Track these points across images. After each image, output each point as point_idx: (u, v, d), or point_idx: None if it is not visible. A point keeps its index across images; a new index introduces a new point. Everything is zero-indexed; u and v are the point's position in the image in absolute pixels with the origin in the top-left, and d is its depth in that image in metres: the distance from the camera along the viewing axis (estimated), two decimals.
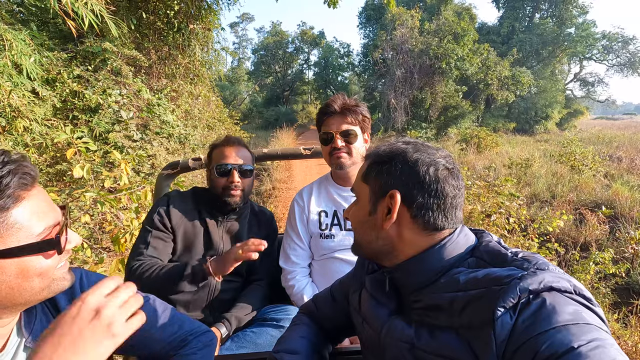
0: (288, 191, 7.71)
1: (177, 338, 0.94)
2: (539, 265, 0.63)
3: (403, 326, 0.74)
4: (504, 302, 0.58)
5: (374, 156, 0.81)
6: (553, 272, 0.61)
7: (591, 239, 5.00)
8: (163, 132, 5.59)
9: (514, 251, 0.70)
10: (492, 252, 0.71)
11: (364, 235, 0.81)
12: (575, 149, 10.09)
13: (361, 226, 0.81)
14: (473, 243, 0.75)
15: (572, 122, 28.74)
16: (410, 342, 0.71)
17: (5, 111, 3.69)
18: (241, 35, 42.99)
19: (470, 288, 0.64)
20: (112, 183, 2.92)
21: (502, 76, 20.52)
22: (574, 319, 0.54)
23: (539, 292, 0.58)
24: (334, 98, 1.52)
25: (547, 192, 7.38)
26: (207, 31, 7.72)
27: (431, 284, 0.71)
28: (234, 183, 1.48)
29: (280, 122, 23.77)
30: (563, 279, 0.60)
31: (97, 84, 5.00)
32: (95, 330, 0.55)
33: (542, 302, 0.57)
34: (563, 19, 26.67)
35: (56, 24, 5.19)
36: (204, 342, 0.97)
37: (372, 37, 24.11)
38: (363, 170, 0.82)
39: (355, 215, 0.83)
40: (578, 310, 0.56)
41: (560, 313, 0.55)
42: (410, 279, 0.75)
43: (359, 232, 0.83)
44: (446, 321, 0.67)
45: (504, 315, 0.58)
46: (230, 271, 1.41)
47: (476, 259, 0.72)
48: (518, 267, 0.64)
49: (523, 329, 0.56)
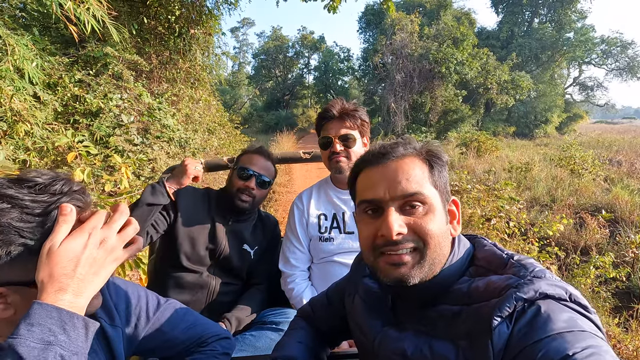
0: (288, 194, 7.71)
1: (199, 339, 0.95)
2: (536, 272, 0.63)
3: (397, 337, 0.74)
4: (500, 311, 0.58)
5: (433, 155, 0.74)
6: (549, 280, 0.61)
7: (591, 242, 5.00)
8: (164, 136, 5.61)
9: (510, 253, 0.70)
10: (489, 258, 0.71)
11: (444, 248, 0.70)
12: (575, 153, 10.10)
13: (443, 239, 0.70)
14: (469, 248, 0.76)
15: (572, 126, 28.79)
16: (403, 354, 0.70)
17: (7, 115, 3.71)
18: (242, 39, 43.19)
19: (474, 301, 0.64)
20: (112, 187, 2.93)
21: (502, 80, 20.59)
22: (569, 327, 0.54)
23: (535, 300, 0.58)
24: (332, 103, 1.53)
25: (547, 196, 7.38)
26: (207, 36, 7.76)
27: (440, 297, 0.70)
28: (249, 189, 1.53)
29: (280, 126, 23.82)
30: (558, 287, 0.60)
31: (99, 88, 5.02)
32: (104, 255, 0.61)
33: (537, 310, 0.57)
34: (562, 23, 26.81)
35: (58, 29, 5.23)
36: (224, 347, 0.98)
37: (372, 42, 24.23)
38: (427, 173, 0.72)
39: (439, 227, 0.69)
40: (573, 317, 0.56)
41: (555, 321, 0.55)
42: (422, 294, 0.71)
43: (442, 245, 0.69)
44: (444, 332, 0.66)
45: (500, 324, 0.58)
46: (230, 274, 1.42)
47: (476, 267, 0.72)
48: (515, 274, 0.63)
49: (519, 337, 0.56)
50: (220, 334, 1.00)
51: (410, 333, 0.72)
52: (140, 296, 0.88)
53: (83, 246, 0.59)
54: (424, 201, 0.69)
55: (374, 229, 0.70)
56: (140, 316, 0.86)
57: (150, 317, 0.88)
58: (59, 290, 0.56)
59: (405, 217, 0.69)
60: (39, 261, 0.57)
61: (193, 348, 0.94)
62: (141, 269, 2.34)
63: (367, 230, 0.72)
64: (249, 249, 1.60)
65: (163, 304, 0.92)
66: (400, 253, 0.67)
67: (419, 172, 0.71)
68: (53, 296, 0.56)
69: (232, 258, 1.55)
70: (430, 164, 0.73)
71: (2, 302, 0.60)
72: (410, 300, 0.75)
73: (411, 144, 0.75)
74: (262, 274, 1.64)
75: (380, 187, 0.70)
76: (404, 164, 0.71)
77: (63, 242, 0.58)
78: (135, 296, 0.87)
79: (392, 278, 0.68)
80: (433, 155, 0.74)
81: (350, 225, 1.55)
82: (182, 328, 0.93)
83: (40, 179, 0.61)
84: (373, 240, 0.70)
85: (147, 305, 0.88)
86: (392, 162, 0.71)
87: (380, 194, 0.70)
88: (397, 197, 0.69)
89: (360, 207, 0.75)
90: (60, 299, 0.56)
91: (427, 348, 0.67)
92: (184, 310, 0.96)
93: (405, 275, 0.67)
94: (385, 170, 0.71)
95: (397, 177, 0.69)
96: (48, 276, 0.56)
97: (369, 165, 0.74)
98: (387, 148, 0.73)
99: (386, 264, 0.68)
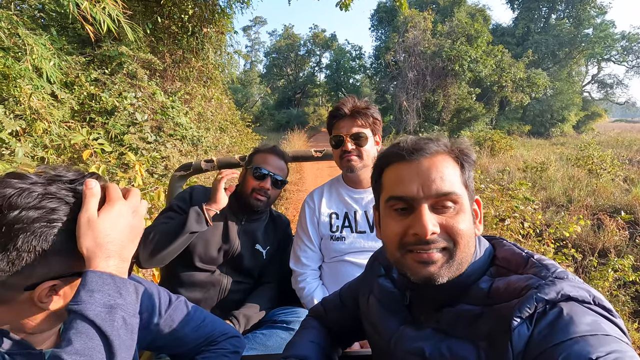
0: (299, 193, 7.72)
1: (208, 338, 0.96)
2: (558, 274, 0.61)
3: (414, 336, 0.72)
4: (520, 312, 0.57)
5: (464, 154, 0.72)
6: (572, 282, 0.59)
7: (610, 245, 4.86)
8: (176, 134, 5.68)
9: (529, 252, 0.68)
10: (509, 258, 0.70)
11: (471, 247, 0.69)
12: (593, 153, 9.84)
13: (471, 239, 0.69)
14: (489, 248, 0.74)
15: (590, 125, 28.06)
16: (421, 354, 0.69)
17: (26, 113, 3.81)
18: (254, 38, 43.46)
19: (494, 301, 0.63)
20: (126, 184, 2.98)
21: (517, 78, 20.20)
22: (592, 330, 0.52)
23: (556, 302, 0.56)
24: (344, 101, 1.51)
25: (564, 197, 7.21)
26: (220, 35, 7.82)
27: (460, 297, 0.69)
28: (264, 189, 1.53)
29: (291, 124, 23.90)
30: (582, 289, 0.58)
31: (114, 87, 5.11)
32: (138, 223, 0.66)
33: (559, 312, 0.55)
34: (580, 19, 26.12)
35: (75, 28, 5.33)
36: (234, 346, 0.98)
37: (384, 40, 24.06)
38: (459, 172, 0.71)
39: (468, 227, 0.68)
40: (597, 320, 0.54)
41: (578, 324, 0.53)
42: (443, 293, 0.70)
43: (470, 245, 0.68)
44: (463, 332, 0.65)
45: (520, 325, 0.56)
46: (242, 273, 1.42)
47: (496, 267, 0.70)
48: (536, 274, 0.62)
49: (539, 339, 0.54)
50: (230, 332, 1.00)
51: (428, 332, 0.70)
52: (153, 293, 0.89)
53: (120, 215, 0.62)
54: (456, 201, 0.67)
55: (403, 226, 0.69)
56: (153, 313, 0.87)
57: (162, 314, 0.89)
58: (107, 257, 0.59)
59: (437, 216, 0.67)
60: (79, 232, 0.58)
61: (203, 347, 0.95)
62: None
63: (396, 227, 0.70)
64: (261, 249, 1.60)
65: (174, 301, 0.93)
66: (431, 252, 0.66)
67: (452, 171, 0.69)
68: (104, 263, 0.58)
69: (244, 258, 1.55)
70: (461, 163, 0.72)
71: (54, 294, 0.61)
72: (429, 300, 0.74)
73: (441, 140, 0.73)
74: (273, 273, 1.64)
75: (413, 185, 0.68)
76: (438, 162, 0.69)
77: (101, 212, 0.61)
78: (147, 293, 0.87)
79: (421, 276, 0.67)
80: (464, 154, 0.72)
81: (361, 224, 1.53)
82: (192, 326, 0.93)
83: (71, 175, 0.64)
84: (401, 238, 0.69)
85: (159, 303, 0.89)
86: (426, 160, 0.69)
87: (413, 192, 0.68)
88: (431, 196, 0.67)
89: (388, 202, 0.72)
90: (110, 265, 0.59)
91: (446, 348, 0.66)
92: (194, 308, 0.97)
93: (435, 274, 0.66)
94: (418, 167, 0.69)
95: (431, 175, 0.68)
96: (94, 244, 0.58)
97: (400, 160, 0.72)
98: (420, 144, 0.71)
99: (414, 262, 0.67)
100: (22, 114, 3.79)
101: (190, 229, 1.36)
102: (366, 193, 1.57)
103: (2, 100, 3.69)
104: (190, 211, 1.40)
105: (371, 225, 1.52)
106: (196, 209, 1.41)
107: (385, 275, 0.87)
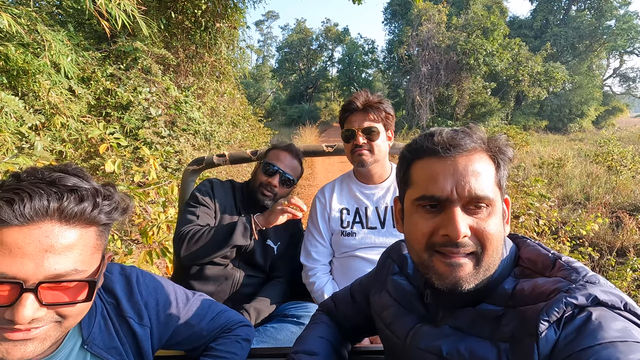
0: (310, 188, 7.74)
1: (223, 327, 0.98)
2: (589, 278, 0.58)
3: (432, 335, 0.70)
4: (547, 315, 0.55)
5: (501, 152, 0.69)
6: (603, 286, 0.57)
7: (629, 244, 4.72)
8: (190, 128, 5.74)
9: (556, 254, 0.66)
10: (534, 258, 0.68)
11: (500, 251, 0.66)
12: (613, 149, 9.52)
13: (500, 242, 0.66)
14: (513, 247, 0.72)
15: (610, 120, 27.18)
16: (438, 352, 0.67)
17: (45, 108, 3.90)
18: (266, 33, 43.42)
19: (518, 303, 0.61)
20: (141, 177, 3.04)
21: (534, 72, 19.68)
22: (623, 336, 0.50)
23: (585, 306, 0.55)
24: (356, 95, 1.50)
25: (581, 194, 7.03)
26: (232, 29, 7.84)
27: (483, 298, 0.67)
28: (271, 185, 1.55)
29: (303, 119, 23.87)
30: (613, 294, 0.56)
31: (129, 82, 5.20)
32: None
33: (587, 316, 0.54)
34: (602, 10, 25.20)
35: (91, 24, 5.43)
36: (246, 333, 1.00)
37: (398, 33, 23.70)
38: (494, 171, 0.68)
39: (498, 230, 0.65)
40: (627, 327, 0.52)
41: (607, 329, 0.51)
42: (467, 296, 0.67)
43: (498, 249, 0.66)
44: (483, 332, 0.63)
45: (548, 329, 0.55)
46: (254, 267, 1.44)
47: (521, 267, 0.68)
48: (565, 277, 0.60)
49: (566, 343, 0.53)
50: (243, 320, 1.02)
51: (446, 330, 0.69)
52: (169, 292, 0.90)
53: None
54: (489, 203, 0.64)
55: (433, 226, 0.65)
56: (171, 312, 0.89)
57: (180, 311, 0.90)
58: None
59: (468, 217, 0.64)
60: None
61: (217, 334, 0.96)
62: (167, 257, 2.41)
63: (425, 226, 0.66)
64: (272, 244, 1.62)
65: (191, 298, 0.94)
66: (459, 255, 0.63)
67: (487, 172, 0.66)
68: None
69: (255, 253, 1.57)
70: (497, 162, 0.68)
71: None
72: (451, 300, 0.71)
73: (477, 134, 0.68)
74: (284, 268, 1.65)
75: (446, 184, 0.64)
76: (474, 161, 0.65)
77: None
78: (164, 292, 0.89)
79: (447, 282, 0.64)
80: (501, 152, 0.68)
81: (372, 220, 1.52)
82: (208, 320, 0.95)
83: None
84: (429, 238, 0.66)
85: (177, 301, 0.90)
86: (462, 158, 0.65)
87: (446, 192, 0.64)
88: (464, 197, 0.63)
89: (417, 200, 0.68)
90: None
91: (465, 348, 0.64)
92: (209, 302, 0.98)
93: (461, 280, 0.63)
94: (453, 166, 0.65)
95: (466, 175, 0.64)
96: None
97: (432, 155, 0.67)
98: (457, 139, 0.66)
99: (443, 264, 0.64)
100: (41, 108, 3.89)
101: (235, 242, 1.40)
102: (377, 189, 1.55)
103: (22, 95, 3.79)
104: (238, 223, 1.42)
105: (382, 222, 1.52)
106: (244, 221, 1.43)
107: (399, 274, 0.86)
